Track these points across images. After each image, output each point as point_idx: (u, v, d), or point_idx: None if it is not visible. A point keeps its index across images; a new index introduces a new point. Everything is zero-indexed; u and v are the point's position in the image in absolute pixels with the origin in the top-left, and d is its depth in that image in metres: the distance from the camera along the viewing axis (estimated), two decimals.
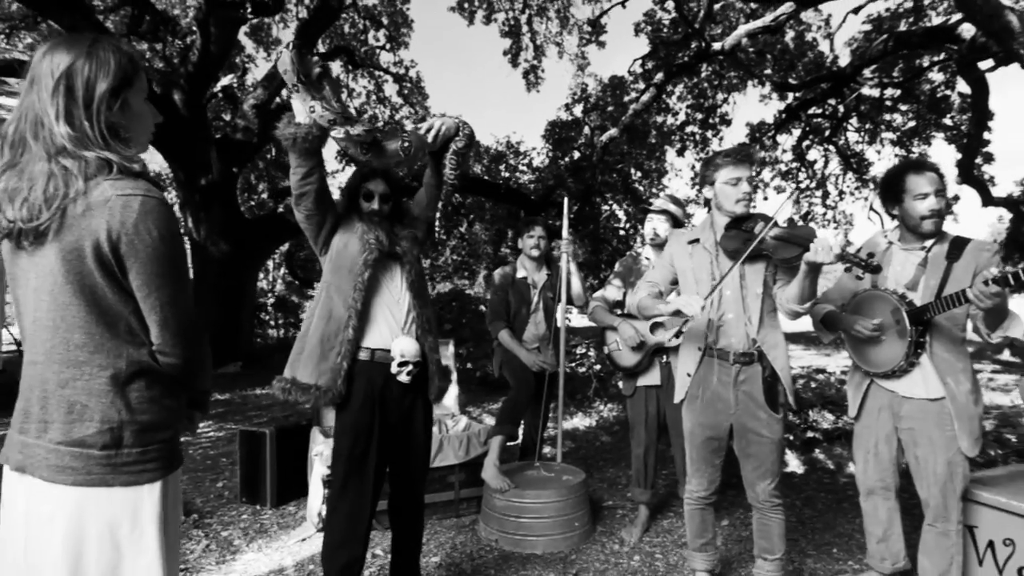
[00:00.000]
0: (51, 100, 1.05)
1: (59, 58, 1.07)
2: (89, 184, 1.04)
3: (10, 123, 1.08)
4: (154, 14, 11.32)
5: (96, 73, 1.08)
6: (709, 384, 2.17)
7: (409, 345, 2.06)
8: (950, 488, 2.07)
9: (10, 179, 1.04)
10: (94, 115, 1.07)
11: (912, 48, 9.09)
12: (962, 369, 2.07)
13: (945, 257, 2.10)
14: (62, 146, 1.05)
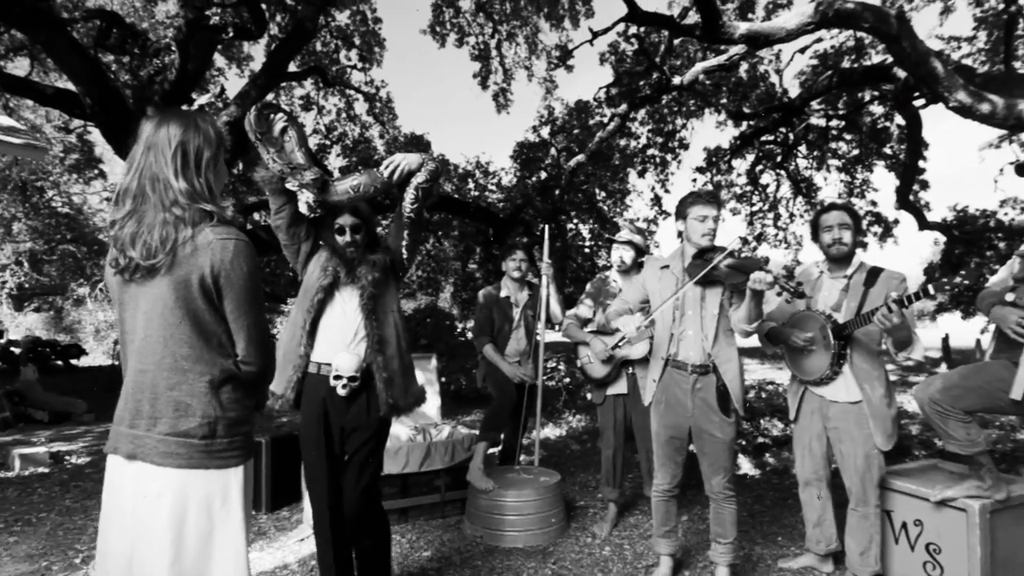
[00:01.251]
0: (169, 163, 1.35)
1: (173, 130, 1.37)
2: (195, 230, 1.34)
3: (129, 179, 1.38)
4: (123, 27, 11.35)
5: (203, 143, 1.39)
6: (671, 390, 2.54)
7: (345, 361, 2.22)
8: (868, 477, 2.48)
9: (132, 225, 1.33)
10: (201, 175, 1.38)
11: (854, 85, 9.84)
12: (877, 377, 2.49)
13: (863, 284, 2.52)
14: (175, 199, 1.34)
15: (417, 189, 2.23)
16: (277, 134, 2.15)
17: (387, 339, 2.31)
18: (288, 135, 2.16)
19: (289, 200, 2.24)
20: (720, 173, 14.24)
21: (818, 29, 6.55)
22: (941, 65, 6.53)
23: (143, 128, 1.41)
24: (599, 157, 12.34)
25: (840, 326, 2.47)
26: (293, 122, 2.22)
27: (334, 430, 2.28)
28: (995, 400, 2.20)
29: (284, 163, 2.11)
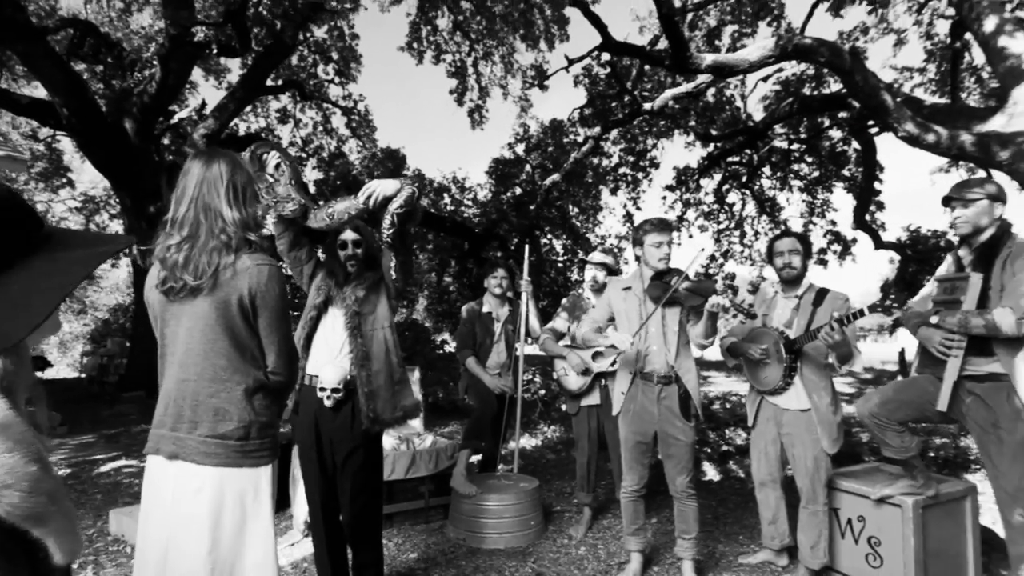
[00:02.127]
0: (223, 195, 1.55)
1: (224, 167, 1.58)
2: (235, 256, 1.54)
3: (184, 210, 1.57)
4: (97, 37, 11.34)
5: (247, 179, 1.60)
6: (638, 400, 2.80)
7: (329, 374, 2.37)
8: (817, 478, 2.76)
9: (186, 250, 1.53)
10: (246, 206, 1.59)
11: (813, 111, 10.40)
12: (824, 387, 2.78)
13: (812, 303, 2.82)
14: (223, 227, 1.55)
15: (393, 215, 2.27)
16: (272, 170, 2.32)
17: (373, 355, 2.42)
18: (281, 170, 2.33)
19: (287, 227, 2.40)
20: (689, 191, 14.75)
21: (778, 62, 6.99)
22: (890, 98, 7.02)
23: (191, 165, 1.61)
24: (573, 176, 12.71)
25: (791, 341, 2.76)
26: (286, 157, 2.38)
27: (324, 439, 2.43)
28: (924, 411, 2.51)
29: (271, 197, 2.26)
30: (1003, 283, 2.27)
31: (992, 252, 2.37)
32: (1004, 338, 2.22)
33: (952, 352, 2.38)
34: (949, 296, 2.49)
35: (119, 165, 9.63)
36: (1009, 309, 2.18)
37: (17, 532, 0.61)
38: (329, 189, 13.10)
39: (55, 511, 0.64)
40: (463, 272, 16.25)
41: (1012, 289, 2.22)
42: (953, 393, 2.38)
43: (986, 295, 2.32)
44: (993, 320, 2.21)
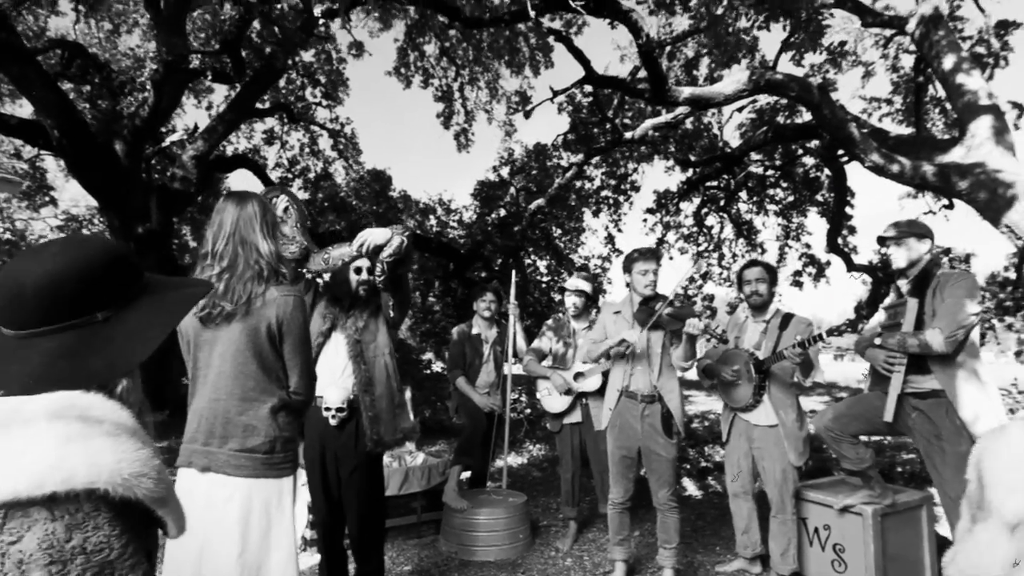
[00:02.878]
0: (257, 230, 1.75)
1: (258, 207, 1.78)
2: (266, 286, 1.73)
3: (222, 244, 1.76)
4: (86, 58, 11.46)
5: (274, 216, 1.80)
6: (624, 417, 3.01)
7: (333, 394, 2.54)
8: (785, 489, 2.99)
9: (225, 280, 1.71)
10: (276, 241, 1.78)
11: (787, 139, 10.84)
12: (790, 404, 3.01)
13: (778, 327, 3.07)
14: (257, 259, 1.74)
15: (383, 263, 2.42)
16: (280, 212, 2.51)
17: (376, 380, 2.58)
18: (289, 212, 2.53)
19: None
20: (669, 214, 15.14)
21: (752, 95, 7.37)
22: (857, 130, 7.42)
23: (226, 205, 1.81)
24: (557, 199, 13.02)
25: (760, 362, 3.00)
26: (294, 201, 2.58)
27: (328, 456, 2.60)
28: (874, 424, 2.75)
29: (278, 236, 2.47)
30: (934, 308, 2.54)
31: (924, 282, 2.65)
32: (937, 356, 2.49)
33: (894, 368, 2.64)
34: (892, 320, 2.76)
35: (108, 186, 9.71)
36: (938, 330, 2.45)
37: (148, 512, 0.80)
38: (316, 210, 13.24)
39: (173, 495, 0.83)
40: (447, 292, 16.42)
41: (941, 313, 2.50)
42: (899, 408, 2.63)
43: (921, 319, 2.59)
44: (926, 340, 2.47)
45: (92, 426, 0.75)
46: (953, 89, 7.41)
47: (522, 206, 14.09)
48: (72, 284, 0.81)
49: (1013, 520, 1.04)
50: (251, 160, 14.32)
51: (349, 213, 12.65)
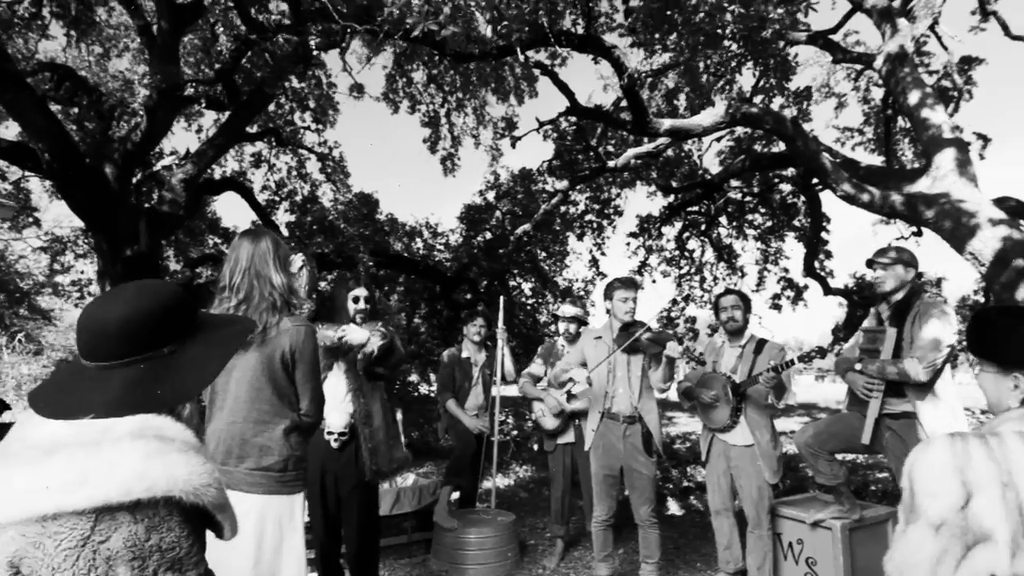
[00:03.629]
0: (271, 265, 1.90)
1: (269, 243, 1.94)
2: (279, 317, 1.88)
3: (238, 278, 1.91)
4: (75, 81, 11.56)
5: (287, 253, 1.96)
6: (606, 437, 3.17)
7: (335, 419, 2.69)
8: (761, 505, 3.15)
9: (243, 311, 1.86)
10: (287, 275, 1.94)
11: (764, 167, 11.22)
12: (765, 425, 3.20)
13: (753, 352, 3.27)
14: (271, 291, 1.89)
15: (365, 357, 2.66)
16: (295, 269, 2.67)
17: (373, 413, 2.75)
18: (302, 272, 2.70)
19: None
20: (651, 238, 15.45)
21: (729, 127, 7.69)
22: (829, 161, 7.76)
23: (241, 242, 1.96)
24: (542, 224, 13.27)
25: (737, 385, 3.19)
26: (309, 261, 2.76)
27: (328, 477, 2.75)
28: (851, 443, 2.94)
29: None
30: (913, 336, 2.75)
31: (905, 309, 2.86)
32: (913, 383, 2.69)
33: (873, 394, 2.83)
34: (871, 346, 2.96)
35: (96, 209, 9.75)
36: (916, 360, 2.65)
37: (208, 516, 0.96)
38: (305, 233, 13.34)
39: (229, 503, 0.98)
40: (433, 314, 16.53)
41: (920, 343, 2.70)
42: (875, 429, 2.82)
43: (900, 346, 2.79)
44: (905, 369, 2.67)
45: (167, 444, 0.91)
46: (918, 123, 7.79)
47: (508, 229, 14.31)
48: (145, 323, 0.97)
49: (937, 521, 1.22)
50: (239, 183, 14.42)
51: (337, 236, 12.76)
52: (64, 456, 0.87)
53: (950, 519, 1.21)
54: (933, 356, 2.60)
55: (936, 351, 2.60)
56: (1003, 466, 1.18)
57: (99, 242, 10.46)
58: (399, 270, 14.68)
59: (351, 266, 12.11)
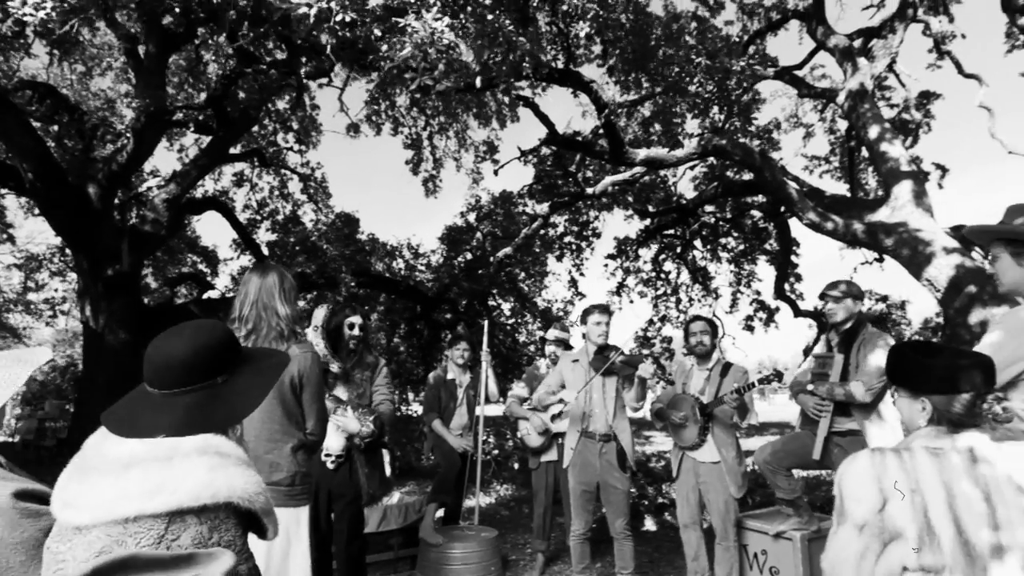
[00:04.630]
0: (277, 297, 2.09)
1: (275, 277, 2.13)
2: (287, 345, 2.08)
3: (248, 310, 2.10)
4: (56, 99, 11.61)
5: (293, 285, 2.16)
6: (583, 455, 3.38)
7: (334, 442, 2.89)
8: (727, 518, 3.38)
9: (252, 341, 2.05)
10: (293, 306, 2.13)
11: (736, 194, 11.67)
12: (730, 443, 3.44)
13: (719, 375, 3.52)
14: (278, 322, 2.08)
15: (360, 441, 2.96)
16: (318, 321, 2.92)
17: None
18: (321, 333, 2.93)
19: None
20: (628, 260, 15.83)
21: (701, 159, 8.08)
22: (795, 191, 8.18)
23: (250, 276, 2.16)
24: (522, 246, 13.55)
25: (704, 405, 3.43)
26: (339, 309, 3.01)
27: (321, 494, 2.93)
28: (804, 459, 3.19)
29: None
30: (858, 362, 3.03)
31: (852, 338, 3.15)
32: (858, 404, 2.97)
33: (822, 414, 3.10)
34: (821, 370, 3.23)
35: (78, 228, 9.78)
36: (861, 383, 2.93)
37: (256, 519, 1.15)
38: (288, 254, 13.43)
39: (273, 508, 1.18)
40: (413, 333, 16.65)
41: (864, 369, 2.98)
42: (825, 445, 3.08)
43: (846, 371, 3.08)
44: (850, 391, 2.95)
45: (225, 459, 1.11)
46: (878, 156, 8.26)
47: (488, 251, 14.56)
48: (203, 357, 1.18)
49: (860, 523, 1.45)
50: (221, 202, 14.49)
51: (319, 256, 12.88)
52: (141, 469, 1.06)
53: (871, 520, 1.45)
54: (874, 381, 2.88)
55: (878, 377, 2.88)
56: (912, 475, 1.43)
57: (80, 261, 10.47)
58: (381, 290, 14.80)
59: (333, 286, 12.22)
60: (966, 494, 1.38)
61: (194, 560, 0.88)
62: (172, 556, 0.88)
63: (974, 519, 1.35)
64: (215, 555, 0.92)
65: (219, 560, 0.90)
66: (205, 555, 0.91)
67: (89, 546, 1.04)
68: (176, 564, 0.87)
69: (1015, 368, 1.67)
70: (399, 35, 3.06)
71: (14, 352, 1.42)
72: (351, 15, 2.86)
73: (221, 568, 0.89)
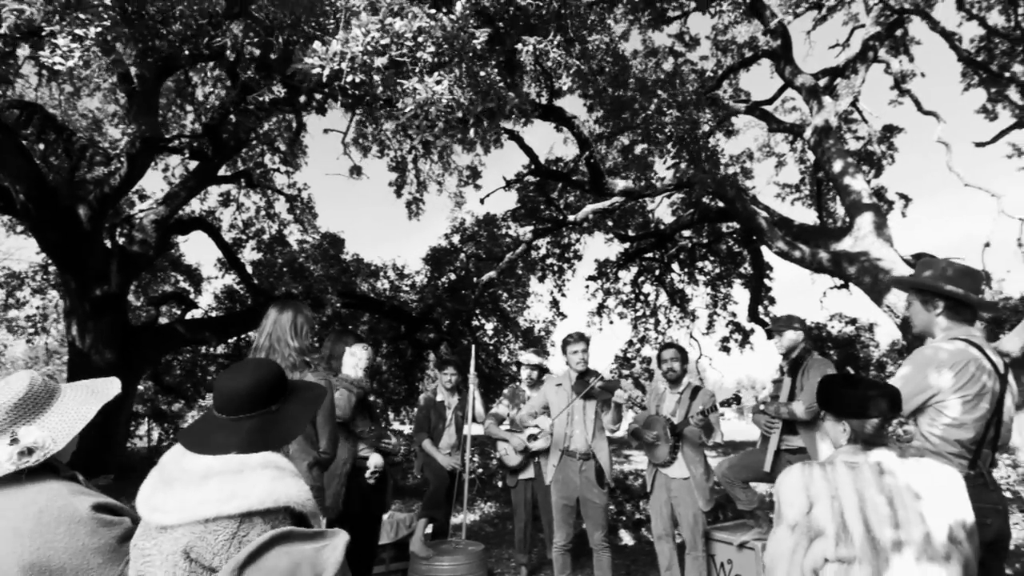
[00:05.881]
0: (287, 330, 2.37)
1: (290, 312, 2.41)
2: (300, 372, 2.35)
3: (263, 340, 2.37)
4: (43, 117, 11.75)
5: (305, 319, 2.44)
6: (565, 472, 3.68)
7: (375, 459, 3.30)
8: (696, 530, 3.69)
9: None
10: (304, 339, 2.41)
11: (711, 220, 12.15)
12: (699, 460, 3.76)
13: (689, 397, 3.85)
14: (289, 352, 2.36)
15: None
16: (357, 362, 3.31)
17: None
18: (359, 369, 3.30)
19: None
20: (609, 282, 16.25)
21: (677, 190, 8.50)
22: (764, 221, 8.63)
23: (271, 311, 2.44)
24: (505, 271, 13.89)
25: (675, 426, 3.75)
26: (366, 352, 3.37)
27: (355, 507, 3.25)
28: (758, 472, 3.53)
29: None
30: (803, 385, 3.40)
31: (798, 364, 3.52)
32: (801, 422, 3.33)
33: (772, 431, 3.46)
34: (775, 393, 3.59)
35: (68, 248, 9.89)
36: (801, 403, 3.29)
37: (305, 520, 1.43)
38: (275, 275, 13.59)
39: (319, 512, 1.46)
40: (395, 352, 16.83)
41: (807, 391, 3.34)
42: (776, 460, 3.43)
43: (793, 393, 3.44)
44: (792, 409, 3.32)
45: (283, 471, 1.40)
46: (842, 189, 8.76)
47: (472, 271, 14.86)
48: (262, 389, 1.46)
49: (792, 523, 1.77)
50: (207, 223, 14.62)
51: (306, 277, 13.07)
52: (218, 479, 1.34)
53: (800, 521, 1.77)
54: (812, 401, 3.24)
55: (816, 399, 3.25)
56: (832, 484, 1.75)
57: (67, 281, 10.56)
58: (365, 310, 15.00)
59: (319, 307, 12.40)
60: (874, 499, 1.70)
61: (325, 535, 1.16)
62: (312, 532, 1.16)
63: (880, 519, 1.67)
64: (337, 532, 1.20)
65: (340, 535, 1.18)
66: (331, 532, 1.19)
67: (175, 542, 1.31)
68: (314, 537, 1.14)
69: (920, 397, 2.01)
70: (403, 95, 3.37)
71: (87, 383, 1.68)
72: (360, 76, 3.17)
73: (343, 540, 1.16)
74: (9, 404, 1.49)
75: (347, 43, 3.08)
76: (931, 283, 2.08)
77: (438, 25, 3.23)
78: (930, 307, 2.10)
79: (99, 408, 1.65)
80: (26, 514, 1.44)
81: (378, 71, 3.21)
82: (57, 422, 1.54)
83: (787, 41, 9.28)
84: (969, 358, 1.95)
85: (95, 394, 1.66)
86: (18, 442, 1.47)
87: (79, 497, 1.49)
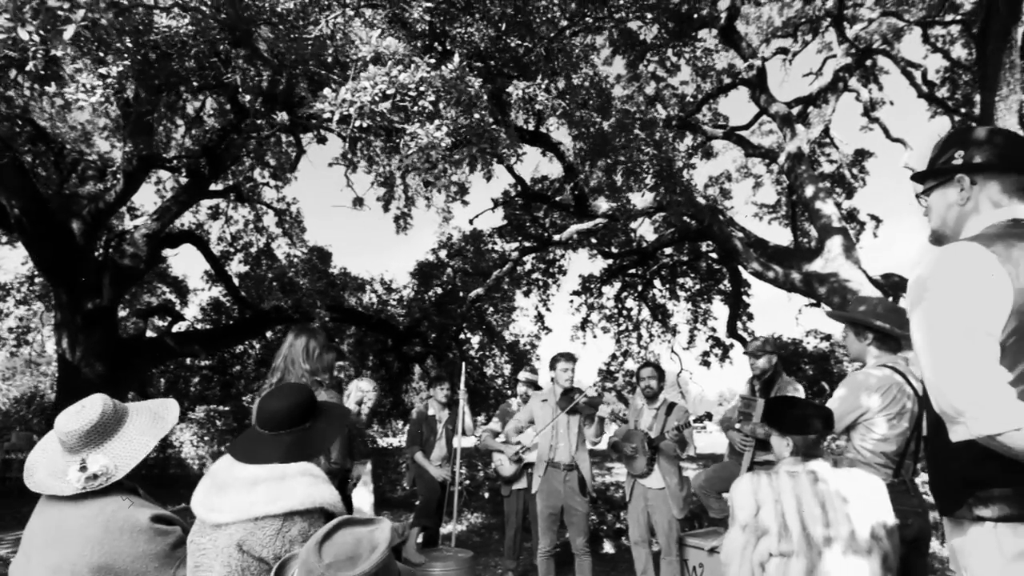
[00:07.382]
0: (301, 354, 2.64)
1: (304, 337, 2.68)
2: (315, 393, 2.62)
3: (280, 362, 2.64)
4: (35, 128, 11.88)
5: (318, 344, 2.71)
6: (550, 482, 3.97)
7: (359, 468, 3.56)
8: (671, 536, 3.99)
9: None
10: (316, 361, 2.69)
11: (691, 239, 12.58)
12: (674, 471, 4.07)
13: (665, 413, 4.17)
14: (301, 374, 2.63)
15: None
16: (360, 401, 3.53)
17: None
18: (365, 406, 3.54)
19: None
20: (593, 296, 16.62)
21: (657, 212, 8.89)
22: (740, 242, 9.04)
23: (288, 336, 2.71)
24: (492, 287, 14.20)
25: (651, 439, 4.07)
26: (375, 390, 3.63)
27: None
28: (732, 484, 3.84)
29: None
30: None
31: (770, 385, 3.85)
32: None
33: (746, 448, 3.77)
34: (746, 411, 3.90)
35: (60, 262, 10.01)
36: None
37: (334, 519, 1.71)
38: (265, 288, 13.76)
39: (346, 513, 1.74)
40: (382, 366, 17.01)
41: None
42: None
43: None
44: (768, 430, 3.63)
45: (318, 478, 1.68)
46: (813, 212, 9.21)
47: (458, 285, 15.15)
48: (298, 409, 1.75)
49: (743, 523, 2.08)
50: (196, 236, 14.76)
51: (295, 292, 13.25)
52: (265, 485, 1.62)
53: (749, 522, 2.08)
54: None
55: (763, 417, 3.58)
56: (776, 490, 2.07)
57: (59, 294, 10.67)
58: (353, 323, 15.20)
59: (308, 320, 12.58)
60: (809, 503, 2.02)
61: (375, 521, 1.43)
62: (365, 518, 1.44)
63: (813, 519, 1.99)
64: (383, 519, 1.48)
65: (386, 521, 1.45)
66: (379, 519, 1.46)
67: (229, 537, 1.59)
68: (367, 523, 1.42)
69: (852, 415, 2.35)
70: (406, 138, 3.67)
71: (150, 406, 1.94)
72: (368, 122, 3.46)
73: (388, 523, 1.44)
74: (83, 431, 1.73)
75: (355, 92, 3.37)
76: (862, 318, 2.42)
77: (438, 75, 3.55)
78: (862, 338, 2.45)
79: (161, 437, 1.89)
80: (95, 523, 1.68)
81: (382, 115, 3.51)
82: (121, 449, 1.77)
83: (762, 72, 9.76)
84: (893, 383, 2.29)
85: (157, 421, 1.90)
86: (86, 469, 1.70)
87: (140, 509, 1.74)
